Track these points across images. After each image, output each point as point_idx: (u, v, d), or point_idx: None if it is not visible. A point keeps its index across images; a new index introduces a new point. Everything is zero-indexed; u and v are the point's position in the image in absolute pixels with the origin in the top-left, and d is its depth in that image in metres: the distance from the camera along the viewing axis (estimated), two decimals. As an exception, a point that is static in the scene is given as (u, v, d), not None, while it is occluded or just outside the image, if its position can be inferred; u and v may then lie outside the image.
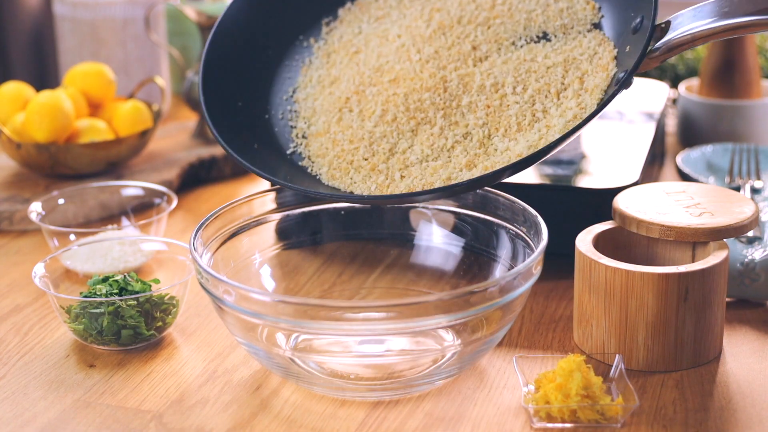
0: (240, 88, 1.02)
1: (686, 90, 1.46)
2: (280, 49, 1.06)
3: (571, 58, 0.95)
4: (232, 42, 1.03)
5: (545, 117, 0.92)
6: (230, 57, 1.03)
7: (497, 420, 0.84)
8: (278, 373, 0.88)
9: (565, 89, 0.93)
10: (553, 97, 0.93)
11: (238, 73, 1.03)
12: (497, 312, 0.84)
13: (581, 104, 0.91)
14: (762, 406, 0.85)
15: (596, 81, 0.92)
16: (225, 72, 1.02)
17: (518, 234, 0.94)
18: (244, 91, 1.02)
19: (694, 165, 1.29)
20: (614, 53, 0.94)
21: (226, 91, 1.01)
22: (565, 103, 0.92)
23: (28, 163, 1.31)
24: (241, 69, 1.03)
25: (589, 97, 0.91)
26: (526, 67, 0.95)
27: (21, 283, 1.09)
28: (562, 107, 0.92)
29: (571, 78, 0.93)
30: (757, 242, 1.01)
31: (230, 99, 1.01)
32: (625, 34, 0.95)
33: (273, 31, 1.06)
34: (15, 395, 0.89)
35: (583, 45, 0.96)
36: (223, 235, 0.94)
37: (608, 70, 0.93)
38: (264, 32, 1.06)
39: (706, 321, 0.89)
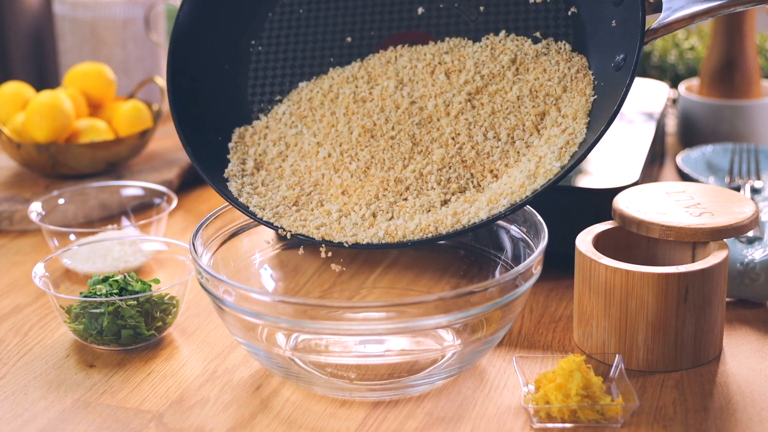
0: (213, 114, 0.99)
1: (686, 90, 1.46)
2: (236, 62, 1.02)
3: (537, 86, 0.93)
4: (193, 64, 1.00)
5: (529, 150, 0.90)
6: (195, 83, 0.99)
7: (497, 420, 0.84)
8: (278, 373, 0.88)
9: (541, 119, 0.91)
10: (531, 131, 0.91)
11: (207, 100, 1.00)
12: (497, 312, 0.84)
13: (566, 130, 0.89)
14: (762, 406, 0.85)
15: (575, 106, 0.90)
16: (195, 101, 0.99)
17: (518, 234, 0.94)
18: (217, 116, 1.00)
19: (694, 165, 1.29)
20: (590, 74, 0.92)
21: (199, 120, 0.98)
22: (547, 132, 0.90)
23: (28, 163, 1.31)
24: (206, 92, 1.00)
25: (573, 122, 0.89)
26: (489, 110, 0.92)
27: (21, 283, 1.09)
28: (544, 137, 0.90)
29: (544, 107, 0.91)
30: (757, 242, 1.01)
31: (207, 130, 0.98)
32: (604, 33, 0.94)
33: (223, 42, 1.02)
34: (15, 395, 0.89)
35: (548, 70, 0.93)
36: (223, 235, 0.94)
37: (586, 94, 0.91)
38: (215, 46, 1.01)
39: (706, 321, 0.89)
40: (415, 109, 0.93)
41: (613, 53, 0.91)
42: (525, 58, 0.94)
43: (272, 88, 1.01)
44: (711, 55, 1.42)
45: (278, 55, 1.02)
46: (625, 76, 0.87)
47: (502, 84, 0.93)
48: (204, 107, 0.99)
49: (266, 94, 1.01)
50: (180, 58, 0.99)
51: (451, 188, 0.90)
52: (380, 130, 0.94)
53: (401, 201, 0.90)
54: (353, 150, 0.94)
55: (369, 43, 1.01)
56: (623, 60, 0.90)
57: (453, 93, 0.93)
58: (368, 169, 0.92)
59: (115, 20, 1.57)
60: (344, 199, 0.91)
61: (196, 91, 0.99)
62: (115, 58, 1.58)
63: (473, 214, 0.87)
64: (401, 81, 0.95)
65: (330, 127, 0.96)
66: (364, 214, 0.89)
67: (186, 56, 0.99)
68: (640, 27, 0.88)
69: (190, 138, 0.96)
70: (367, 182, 0.92)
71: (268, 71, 1.02)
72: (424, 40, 0.99)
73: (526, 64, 0.94)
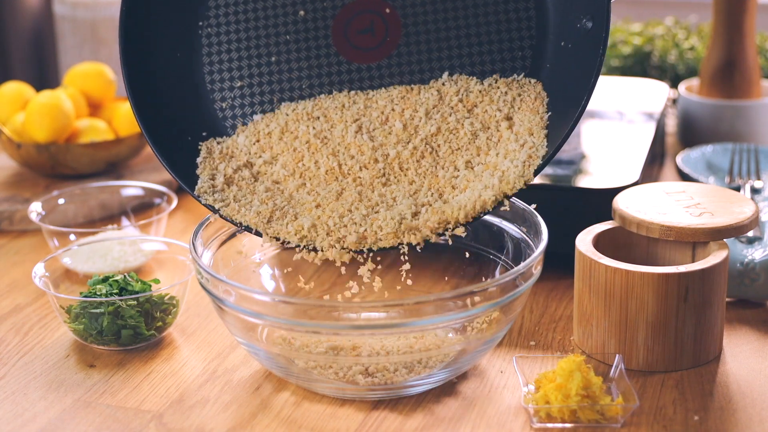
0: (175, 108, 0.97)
1: (686, 90, 1.46)
2: (187, 49, 0.99)
3: (487, 118, 0.92)
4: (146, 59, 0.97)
5: (489, 167, 0.89)
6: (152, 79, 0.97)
7: (497, 420, 0.84)
8: (278, 373, 0.88)
9: (497, 143, 0.91)
10: (486, 153, 0.91)
11: (168, 96, 0.97)
12: (497, 312, 0.84)
13: (525, 144, 0.89)
14: (762, 406, 0.85)
15: (528, 123, 0.90)
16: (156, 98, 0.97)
17: (518, 234, 0.94)
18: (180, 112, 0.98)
19: (694, 165, 1.29)
20: (543, 94, 0.91)
21: (165, 120, 0.96)
22: (503, 147, 0.89)
23: (28, 163, 1.31)
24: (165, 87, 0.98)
25: (530, 137, 0.89)
26: (446, 149, 0.92)
27: (21, 283, 1.09)
28: (501, 153, 0.89)
29: (497, 134, 0.91)
30: (757, 242, 1.01)
31: (175, 130, 0.96)
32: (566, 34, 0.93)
33: (171, 30, 0.99)
34: (15, 395, 0.89)
35: (496, 100, 0.93)
36: (223, 235, 0.94)
37: (539, 112, 0.90)
38: (163, 35, 0.98)
39: (706, 321, 0.89)
40: (378, 156, 0.92)
41: (577, 14, 0.90)
42: (470, 95, 0.93)
43: (230, 74, 0.98)
44: (711, 55, 1.42)
45: (230, 36, 0.99)
46: (597, 42, 0.87)
47: (454, 124, 0.92)
48: (167, 106, 0.97)
49: (225, 80, 0.98)
50: (132, 54, 0.96)
51: (419, 201, 0.90)
52: (349, 170, 0.93)
53: (373, 214, 0.89)
54: (322, 182, 0.93)
55: (323, 15, 0.98)
56: (591, 20, 0.89)
57: (411, 140, 0.93)
58: (340, 194, 0.92)
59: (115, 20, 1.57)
60: (318, 212, 0.90)
61: (156, 87, 0.97)
62: (115, 58, 1.58)
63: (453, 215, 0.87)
64: (360, 126, 0.94)
65: (296, 161, 0.94)
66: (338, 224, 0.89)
67: (138, 50, 0.96)
68: None
69: (158, 141, 0.94)
70: (340, 199, 0.91)
71: (223, 54, 0.99)
72: (380, 8, 0.97)
73: (473, 100, 0.93)
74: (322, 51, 0.98)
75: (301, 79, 0.98)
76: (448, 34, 0.95)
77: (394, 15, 0.97)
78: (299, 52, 0.98)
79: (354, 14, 0.98)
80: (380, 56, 0.97)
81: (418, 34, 0.96)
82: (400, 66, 0.96)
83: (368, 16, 0.97)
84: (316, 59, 0.98)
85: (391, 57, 0.97)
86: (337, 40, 0.98)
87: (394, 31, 0.97)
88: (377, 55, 0.97)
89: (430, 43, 0.96)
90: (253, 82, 0.98)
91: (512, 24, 0.94)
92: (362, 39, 0.97)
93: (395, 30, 0.97)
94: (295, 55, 0.98)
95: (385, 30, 0.97)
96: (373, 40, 0.97)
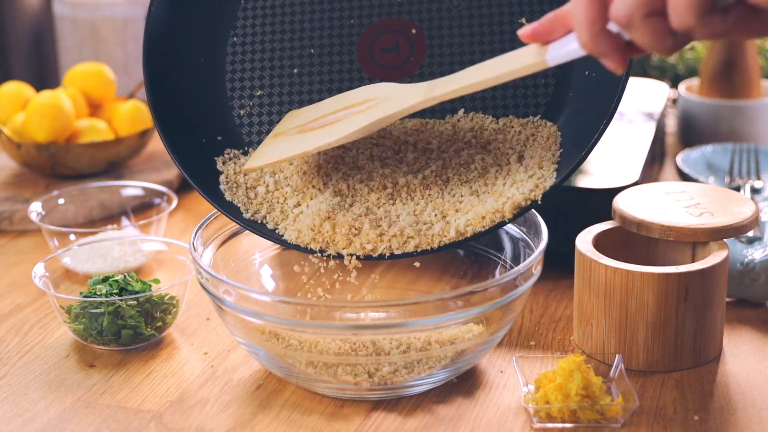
0: (194, 110, 0.97)
1: (686, 90, 1.46)
2: (212, 55, 0.99)
3: (500, 155, 0.92)
4: (169, 61, 0.97)
5: (495, 194, 0.89)
6: (172, 80, 0.97)
7: (497, 420, 0.84)
8: (278, 373, 0.88)
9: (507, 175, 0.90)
10: (493, 183, 0.90)
11: (187, 98, 0.98)
12: (497, 312, 0.84)
13: (533, 176, 0.88)
14: (762, 406, 0.85)
15: (539, 157, 0.89)
16: (175, 98, 0.97)
17: (518, 234, 0.94)
18: (199, 113, 0.98)
19: (694, 165, 1.29)
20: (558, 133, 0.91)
21: (183, 120, 0.96)
22: (512, 177, 0.89)
23: (28, 163, 1.31)
24: (186, 90, 0.98)
25: (539, 170, 0.89)
26: (456, 181, 0.91)
27: (21, 283, 1.09)
28: (509, 183, 0.89)
29: (507, 167, 0.90)
30: (757, 242, 1.01)
31: (189, 131, 0.96)
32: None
33: (198, 35, 0.99)
34: (15, 395, 0.89)
35: (510, 139, 0.92)
36: (223, 235, 0.94)
37: (551, 149, 0.90)
38: (190, 39, 0.99)
39: (706, 321, 0.89)
40: (388, 182, 0.92)
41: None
42: (484, 132, 0.93)
43: (252, 82, 0.99)
44: (711, 55, 1.42)
45: (255, 46, 1.00)
46: (616, 84, 0.87)
47: (465, 158, 0.92)
48: (184, 107, 0.97)
49: (246, 89, 0.99)
50: (156, 54, 0.96)
51: (422, 219, 0.89)
52: (357, 192, 0.92)
53: (378, 227, 0.89)
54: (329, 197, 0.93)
55: (350, 32, 0.99)
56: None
57: (421, 170, 0.92)
58: (350, 207, 0.91)
59: (115, 20, 1.57)
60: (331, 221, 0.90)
61: (175, 89, 0.97)
62: (115, 58, 1.58)
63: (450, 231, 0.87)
64: (372, 155, 0.94)
65: (306, 183, 0.93)
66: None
67: (162, 52, 0.97)
68: None
69: (173, 141, 0.94)
70: (350, 211, 0.91)
71: (246, 63, 0.99)
72: (407, 28, 0.98)
73: (486, 137, 0.93)
74: (344, 66, 0.98)
75: (322, 92, 0.98)
76: (473, 58, 0.95)
77: (420, 36, 0.97)
78: (322, 66, 0.98)
79: (381, 33, 0.98)
80: (402, 75, 0.97)
81: (443, 56, 0.96)
82: None
83: (395, 36, 0.98)
84: (338, 74, 0.98)
85: (413, 77, 0.97)
86: (362, 56, 0.98)
87: (419, 51, 0.97)
88: (399, 74, 0.97)
89: (454, 65, 0.96)
90: (273, 92, 0.99)
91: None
92: (386, 57, 0.98)
93: (420, 51, 0.97)
94: (318, 68, 0.98)
95: (409, 50, 0.97)
96: (397, 59, 0.97)
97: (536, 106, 0.94)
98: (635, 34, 0.66)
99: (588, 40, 0.68)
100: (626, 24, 0.65)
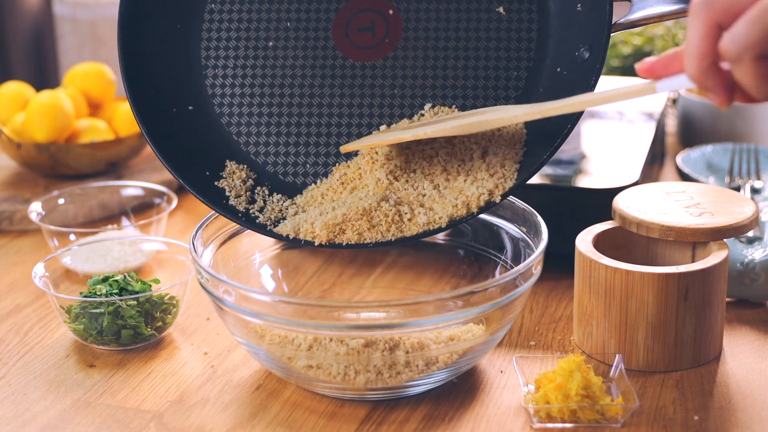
0: (168, 83, 0.97)
1: (686, 90, 1.46)
2: (188, 21, 0.99)
3: (464, 149, 0.91)
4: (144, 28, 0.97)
5: (455, 190, 0.89)
6: (148, 51, 0.97)
7: (497, 420, 0.84)
8: (278, 373, 0.88)
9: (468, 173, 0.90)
10: (455, 177, 0.90)
11: (162, 67, 0.97)
12: (497, 312, 0.84)
13: (495, 174, 0.88)
14: (762, 406, 0.85)
15: (502, 154, 0.89)
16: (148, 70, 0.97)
17: (518, 234, 0.94)
18: (172, 86, 0.97)
19: (694, 165, 1.29)
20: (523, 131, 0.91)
21: (155, 94, 0.96)
22: (472, 175, 0.89)
23: (28, 163, 1.31)
24: (161, 61, 0.98)
25: (501, 169, 0.89)
26: (419, 174, 0.91)
27: (21, 283, 1.09)
28: (470, 180, 0.89)
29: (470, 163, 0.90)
30: (757, 242, 1.01)
31: (163, 103, 0.96)
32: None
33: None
34: (15, 395, 0.89)
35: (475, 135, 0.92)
36: (223, 235, 0.94)
37: (515, 147, 0.90)
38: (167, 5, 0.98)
39: (706, 321, 0.89)
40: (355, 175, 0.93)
41: (576, 43, 0.90)
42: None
43: (227, 52, 0.98)
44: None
45: (232, 15, 0.99)
46: (592, 68, 0.87)
47: (429, 152, 0.92)
48: (157, 75, 0.97)
49: (220, 58, 0.98)
50: (131, 19, 0.96)
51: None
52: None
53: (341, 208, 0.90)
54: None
55: (327, 8, 0.98)
56: (588, 50, 0.89)
57: (386, 165, 0.92)
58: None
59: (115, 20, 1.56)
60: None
61: (148, 55, 0.97)
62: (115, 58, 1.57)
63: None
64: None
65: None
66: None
67: (137, 15, 0.97)
68: (607, 17, 0.88)
69: (142, 108, 0.94)
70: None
71: (222, 32, 0.98)
72: (384, 9, 0.97)
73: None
74: (319, 43, 0.98)
75: (295, 67, 0.97)
76: (447, 44, 0.95)
77: (396, 17, 0.97)
78: (297, 41, 0.98)
79: (358, 11, 0.98)
80: (376, 56, 0.97)
81: (418, 39, 0.96)
82: (394, 69, 0.96)
83: (371, 15, 0.97)
84: (313, 50, 0.98)
85: (387, 59, 0.97)
86: (337, 33, 0.98)
87: (395, 32, 0.97)
88: (373, 55, 0.97)
89: (428, 50, 0.96)
90: (247, 64, 0.98)
91: (512, 44, 0.94)
92: (361, 36, 0.97)
93: (395, 32, 0.97)
94: (293, 43, 0.98)
95: (385, 31, 0.97)
96: (371, 39, 0.97)
97: (506, 99, 0.94)
98: (740, 72, 0.66)
99: (696, 73, 0.68)
100: (735, 60, 0.66)
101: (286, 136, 0.96)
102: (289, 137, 0.96)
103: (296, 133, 0.96)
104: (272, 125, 0.96)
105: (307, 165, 0.95)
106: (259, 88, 0.97)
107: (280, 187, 0.94)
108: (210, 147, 0.96)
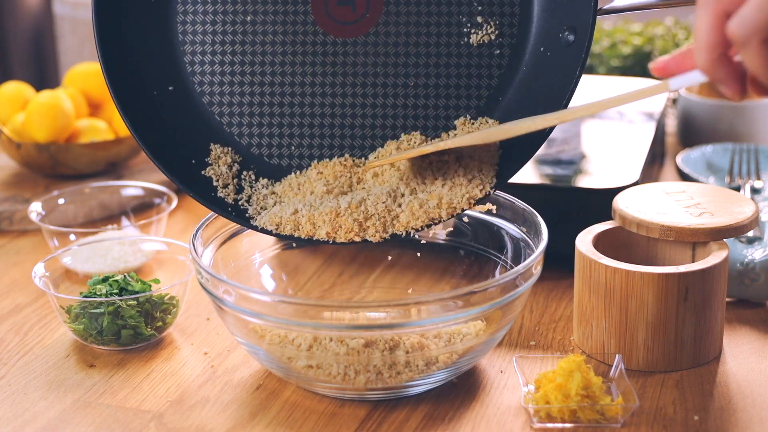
0: (148, 66, 0.96)
1: (686, 90, 1.46)
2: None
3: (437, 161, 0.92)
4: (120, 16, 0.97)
5: (432, 194, 0.89)
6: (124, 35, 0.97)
7: (497, 420, 0.84)
8: (278, 373, 0.88)
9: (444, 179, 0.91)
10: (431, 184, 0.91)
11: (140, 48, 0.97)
12: (497, 312, 0.84)
13: (473, 180, 0.89)
14: (762, 406, 0.85)
15: (479, 158, 0.89)
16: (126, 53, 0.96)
17: (518, 234, 0.94)
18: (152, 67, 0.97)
19: (694, 165, 1.29)
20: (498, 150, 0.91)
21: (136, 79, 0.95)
22: (450, 181, 0.89)
23: (28, 163, 1.31)
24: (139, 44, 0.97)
25: (479, 173, 0.89)
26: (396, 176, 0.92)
27: (21, 283, 1.09)
28: (447, 186, 0.89)
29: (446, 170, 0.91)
30: (757, 242, 1.01)
31: (143, 88, 0.95)
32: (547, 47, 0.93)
33: None
34: (15, 395, 0.89)
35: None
36: (223, 235, 0.94)
37: (491, 150, 0.90)
38: None
39: (706, 321, 0.89)
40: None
41: (560, 24, 0.90)
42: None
43: (204, 27, 0.97)
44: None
45: None
46: (578, 53, 0.87)
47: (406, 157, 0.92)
48: (134, 56, 0.96)
49: (198, 33, 0.97)
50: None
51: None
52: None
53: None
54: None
55: None
56: (572, 33, 0.89)
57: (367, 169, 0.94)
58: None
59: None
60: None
61: (124, 35, 0.96)
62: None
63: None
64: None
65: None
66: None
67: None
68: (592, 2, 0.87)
69: (120, 91, 0.94)
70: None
71: (198, 5, 0.97)
72: None
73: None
74: (299, 18, 0.96)
75: (275, 44, 0.97)
76: (429, 19, 0.95)
77: None
78: (276, 15, 0.97)
79: None
80: (357, 32, 0.96)
81: (399, 14, 0.95)
82: (375, 46, 0.95)
83: None
84: (293, 25, 0.96)
85: (368, 35, 0.96)
86: (317, 7, 0.96)
87: (376, 6, 0.96)
88: (353, 30, 0.96)
89: (409, 26, 0.95)
90: (226, 40, 0.97)
91: (494, 19, 0.93)
92: (341, 11, 0.96)
93: (376, 8, 0.96)
94: (272, 17, 0.97)
95: (366, 6, 0.96)
96: (352, 14, 0.96)
97: (489, 77, 0.93)
98: (748, 57, 0.66)
99: (707, 64, 0.68)
100: (743, 43, 0.65)
101: (269, 116, 0.95)
102: (272, 117, 0.95)
103: (279, 112, 0.95)
104: (255, 105, 0.96)
105: (292, 146, 0.95)
106: (240, 66, 0.96)
107: (265, 171, 0.94)
108: (193, 130, 0.95)
